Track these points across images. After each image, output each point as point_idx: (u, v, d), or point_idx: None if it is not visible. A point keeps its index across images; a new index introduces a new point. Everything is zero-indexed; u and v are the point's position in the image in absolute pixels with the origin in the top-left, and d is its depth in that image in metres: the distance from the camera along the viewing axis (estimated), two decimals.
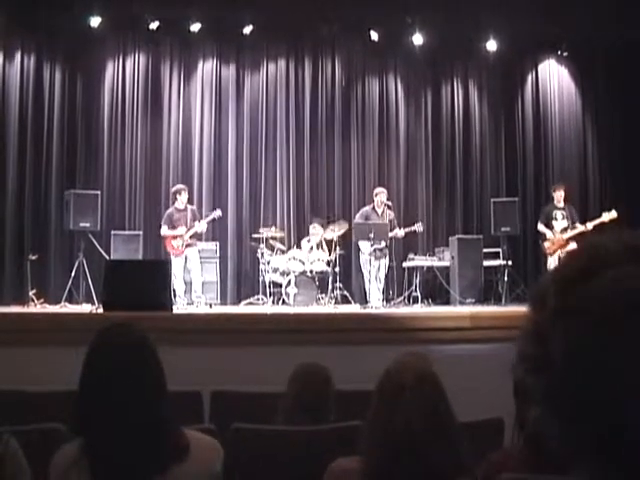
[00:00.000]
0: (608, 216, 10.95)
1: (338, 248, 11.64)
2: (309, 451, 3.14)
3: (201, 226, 11.23)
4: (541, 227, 11.51)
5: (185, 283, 11.29)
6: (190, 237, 11.17)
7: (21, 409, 3.89)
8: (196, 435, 2.42)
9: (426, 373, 2.30)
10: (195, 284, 11.30)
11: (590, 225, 11.02)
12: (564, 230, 11.21)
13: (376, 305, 10.93)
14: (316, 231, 11.83)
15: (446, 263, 12.21)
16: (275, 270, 11.69)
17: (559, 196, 11.50)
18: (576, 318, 0.85)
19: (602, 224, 10.89)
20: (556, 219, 11.36)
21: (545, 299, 0.90)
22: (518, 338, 0.92)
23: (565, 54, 13.66)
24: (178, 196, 11.32)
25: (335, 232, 11.72)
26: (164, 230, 11.21)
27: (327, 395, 3.38)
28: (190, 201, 11.61)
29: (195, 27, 12.46)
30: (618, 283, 0.85)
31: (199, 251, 11.52)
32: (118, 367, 2.26)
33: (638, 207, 11.93)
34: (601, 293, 0.85)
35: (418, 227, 11.58)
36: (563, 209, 11.40)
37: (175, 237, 11.12)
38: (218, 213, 11.59)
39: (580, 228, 11.07)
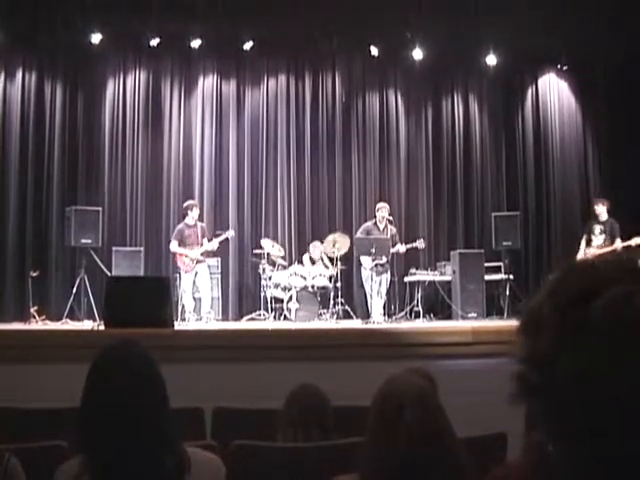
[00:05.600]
0: (636, 240, 10.57)
1: (339, 263, 11.63)
2: (310, 468, 3.13)
3: (212, 245, 11.21)
4: (583, 243, 11.20)
5: (194, 299, 11.29)
6: (200, 253, 11.16)
7: (22, 426, 3.87)
8: (198, 452, 2.41)
9: (424, 391, 2.28)
10: (204, 300, 11.27)
11: (620, 245, 10.67)
12: (600, 247, 10.89)
13: (378, 320, 10.92)
14: (316, 245, 11.83)
15: (448, 277, 12.18)
16: (277, 286, 11.68)
17: (599, 211, 11.16)
18: (585, 338, 0.84)
19: (629, 247, 10.54)
20: (594, 234, 11.10)
21: (540, 323, 0.89)
22: (513, 363, 0.91)
23: (565, 68, 13.69)
24: (189, 212, 11.31)
25: (336, 246, 11.70)
26: (174, 246, 11.21)
27: (324, 416, 3.36)
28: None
29: (195, 43, 12.50)
30: (624, 300, 0.84)
31: (209, 267, 11.52)
32: (120, 384, 2.25)
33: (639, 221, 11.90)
34: (608, 311, 0.84)
35: (420, 244, 11.55)
36: (603, 223, 11.08)
37: (186, 255, 11.13)
38: (231, 233, 11.58)
39: (612, 247, 10.78)
